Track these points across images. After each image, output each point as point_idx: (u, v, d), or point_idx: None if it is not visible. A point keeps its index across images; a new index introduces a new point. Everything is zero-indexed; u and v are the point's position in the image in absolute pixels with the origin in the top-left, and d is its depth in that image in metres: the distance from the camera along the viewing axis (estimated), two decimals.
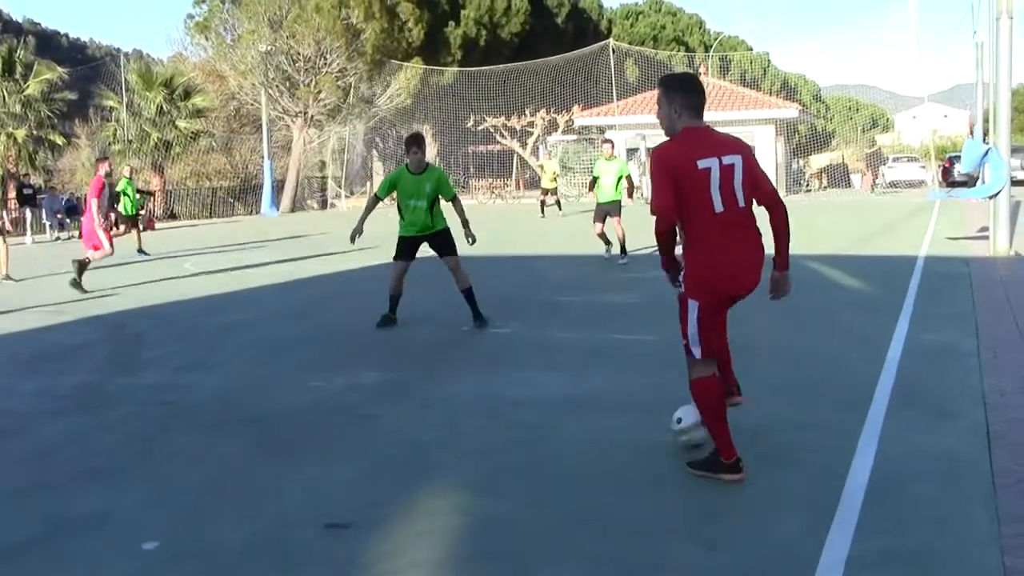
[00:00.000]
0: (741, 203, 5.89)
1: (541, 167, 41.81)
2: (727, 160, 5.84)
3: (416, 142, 12.47)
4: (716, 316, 6.16)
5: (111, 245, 18.08)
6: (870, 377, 8.50)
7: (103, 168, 18.85)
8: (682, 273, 6.07)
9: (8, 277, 20.31)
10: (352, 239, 12.79)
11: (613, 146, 20.93)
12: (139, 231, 26.33)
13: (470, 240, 12.92)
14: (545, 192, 38.47)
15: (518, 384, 8.95)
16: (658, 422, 7.20)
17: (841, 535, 5.15)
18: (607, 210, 19.74)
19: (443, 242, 12.62)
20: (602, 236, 19.88)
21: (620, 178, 19.79)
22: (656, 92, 6.36)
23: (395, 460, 6.81)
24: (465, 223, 12.90)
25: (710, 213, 5.81)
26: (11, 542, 5.59)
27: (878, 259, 18.98)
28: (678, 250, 6.11)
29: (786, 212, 6.06)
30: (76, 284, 17.09)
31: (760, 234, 6.03)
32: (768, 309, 7.79)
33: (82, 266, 17.44)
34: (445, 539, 5.36)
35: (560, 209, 38.46)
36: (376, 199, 13.02)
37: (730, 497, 5.77)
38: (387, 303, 12.75)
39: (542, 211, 37.54)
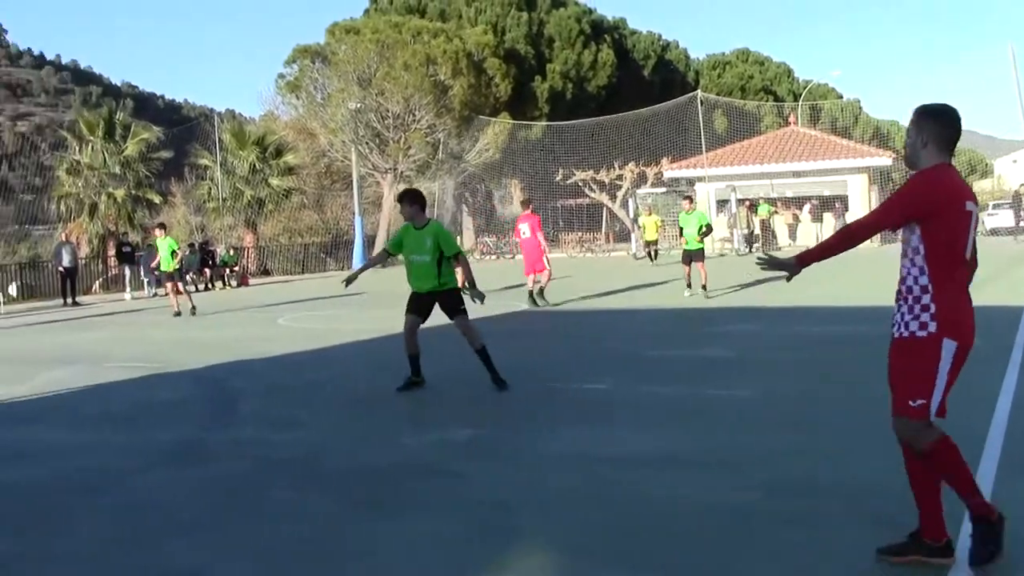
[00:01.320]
0: (970, 253, 5.53)
1: (643, 226, 42.30)
2: (972, 207, 5.44)
3: (407, 197, 12.43)
4: (956, 369, 5.39)
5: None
6: (978, 432, 8.20)
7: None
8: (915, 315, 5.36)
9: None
10: (346, 284, 12.83)
11: (691, 201, 24.97)
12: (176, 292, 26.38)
13: (476, 300, 12.57)
14: (648, 244, 40.21)
15: (609, 442, 8.89)
16: (750, 481, 7.12)
17: None
18: (691, 256, 23.39)
19: (450, 303, 12.31)
20: (687, 277, 23.51)
21: (700, 227, 23.18)
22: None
23: (485, 519, 6.78)
24: (471, 283, 12.85)
25: (962, 257, 5.44)
26: None
27: (980, 309, 18.57)
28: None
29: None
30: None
31: None
32: (864, 363, 7.66)
33: None
34: None
35: (652, 260, 38.83)
36: (386, 253, 13.27)
37: (831, 559, 5.64)
38: (410, 366, 12.49)
39: (650, 258, 39.78)
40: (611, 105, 59.45)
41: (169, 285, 26.42)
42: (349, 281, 12.81)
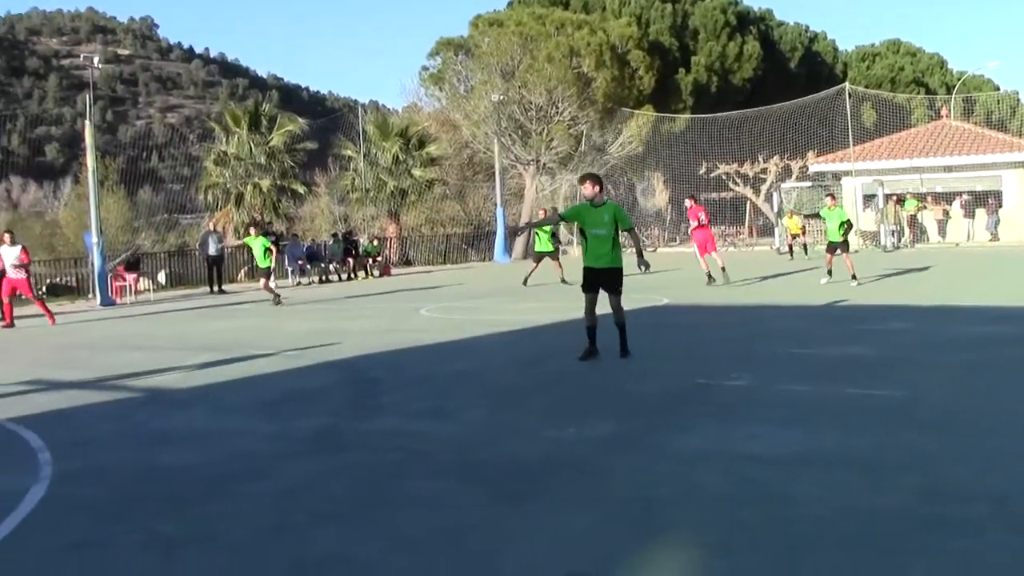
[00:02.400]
0: None
1: (786, 227, 42.41)
2: None
3: (590, 178, 14.18)
4: None
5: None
6: None
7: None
8: None
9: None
10: (514, 235, 13.88)
11: (833, 198, 27.86)
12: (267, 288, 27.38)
13: (642, 268, 14.56)
14: (793, 237, 40.80)
15: (751, 439, 8.78)
16: (892, 485, 6.99)
17: None
18: (835, 246, 25.57)
19: (613, 281, 13.85)
20: (829, 263, 25.66)
21: (841, 223, 25.36)
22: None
23: (628, 514, 6.76)
24: (639, 253, 14.53)
25: None
26: None
27: None
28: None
29: None
30: None
31: None
32: (1015, 366, 7.44)
33: None
34: None
35: (792, 256, 38.66)
36: (559, 216, 15.79)
37: (980, 565, 5.52)
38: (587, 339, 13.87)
39: (791, 253, 40.22)
40: (756, 98, 58.82)
41: (263, 281, 27.20)
42: (517, 233, 13.98)
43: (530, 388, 12.13)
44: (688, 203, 28.20)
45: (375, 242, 45.27)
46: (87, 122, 33.87)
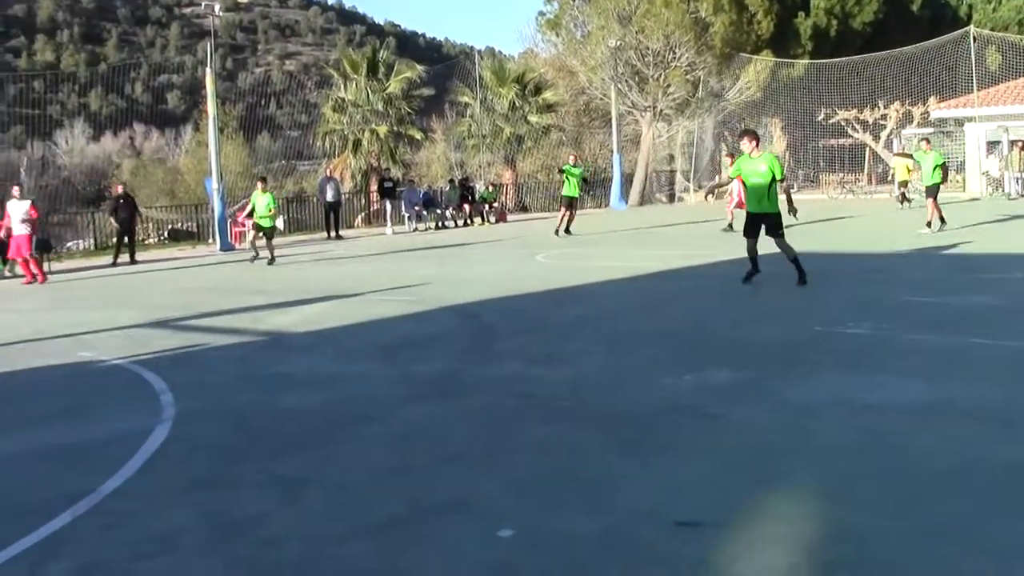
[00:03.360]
0: None
1: (893, 167, 40.62)
2: None
3: (748, 133, 16.56)
4: None
5: None
6: None
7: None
8: None
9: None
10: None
11: (928, 142, 28.05)
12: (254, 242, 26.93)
13: (793, 215, 16.66)
14: (903, 184, 37.32)
15: (871, 388, 8.67)
16: (1022, 437, 6.84)
17: None
18: (929, 191, 25.45)
19: (772, 224, 15.75)
20: (931, 215, 25.04)
21: (936, 167, 25.68)
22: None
23: (745, 462, 6.72)
24: (789, 200, 16.62)
25: None
26: (378, 520, 5.87)
27: None
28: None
29: None
30: None
31: None
32: None
33: None
34: (798, 545, 5.25)
35: (902, 204, 36.72)
36: (730, 179, 19.20)
37: None
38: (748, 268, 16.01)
39: (901, 202, 36.50)
40: (876, 42, 57.63)
41: (254, 234, 26.86)
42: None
43: (647, 335, 12.08)
44: (728, 160, 28.67)
45: (491, 188, 45.32)
46: (208, 70, 34.27)
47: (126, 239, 29.62)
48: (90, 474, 7.00)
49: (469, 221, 41.27)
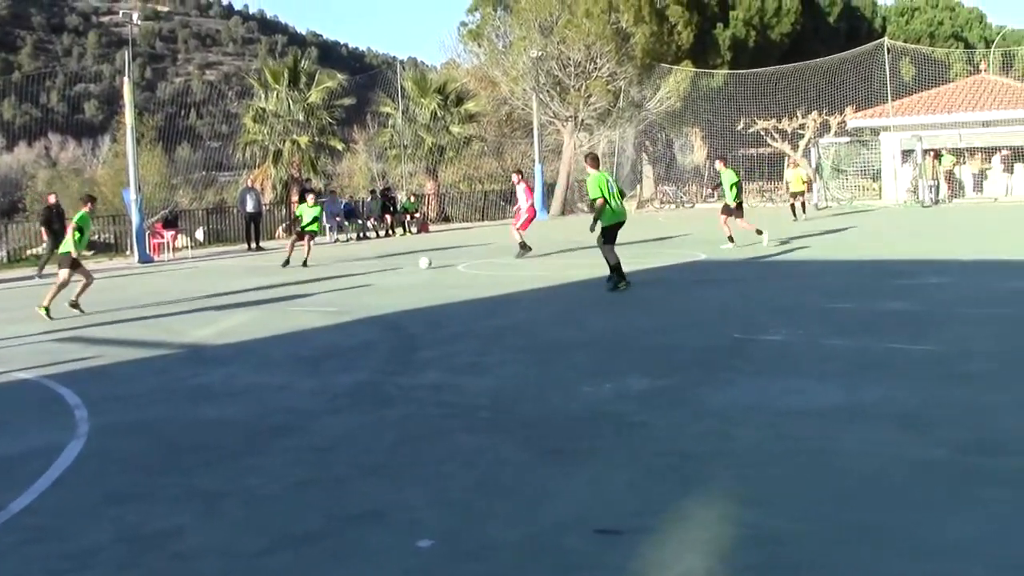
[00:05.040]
0: None
1: (788, 182, 40.83)
2: None
3: (589, 157, 18.21)
4: None
5: None
6: None
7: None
8: None
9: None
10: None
11: (724, 161, 25.47)
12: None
13: (592, 229, 17.31)
14: (793, 196, 37.45)
15: (790, 393, 8.77)
16: (937, 438, 6.96)
17: None
18: (728, 210, 24.34)
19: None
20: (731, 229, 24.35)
21: (732, 185, 23.98)
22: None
23: (666, 469, 6.76)
24: (596, 217, 17.22)
25: None
26: (297, 532, 5.83)
27: None
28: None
29: None
30: None
31: None
32: None
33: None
34: (719, 550, 5.29)
35: (795, 215, 36.49)
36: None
37: (1022, 519, 5.45)
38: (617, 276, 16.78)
39: (793, 213, 36.38)
40: (794, 53, 58.30)
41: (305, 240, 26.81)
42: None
43: (569, 343, 12.11)
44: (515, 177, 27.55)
45: (412, 199, 45.25)
46: (126, 79, 33.95)
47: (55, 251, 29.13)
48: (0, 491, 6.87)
49: (391, 232, 41.20)
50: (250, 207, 36.56)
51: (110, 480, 7.09)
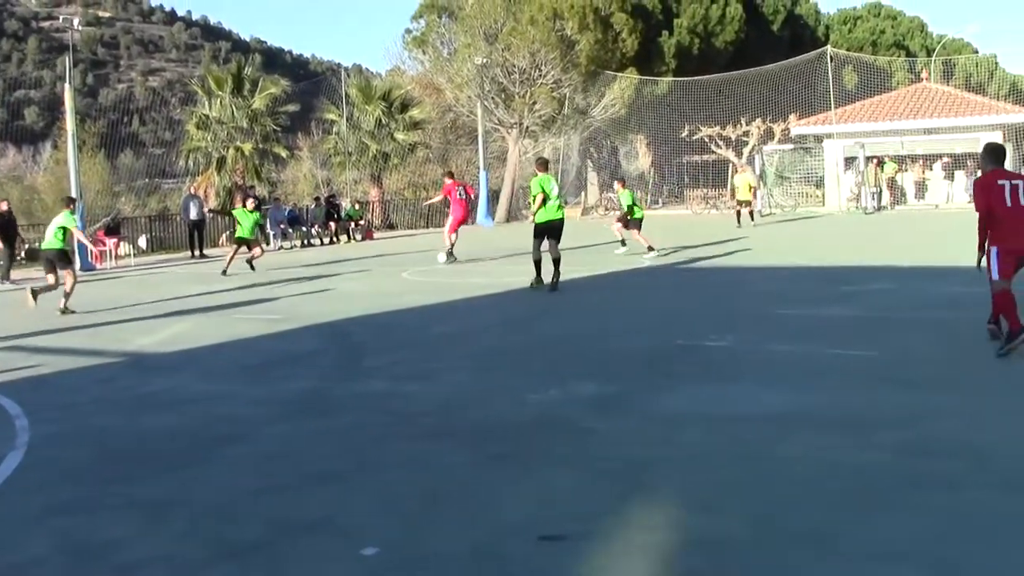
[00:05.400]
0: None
1: (734, 187, 41.29)
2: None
3: (539, 161, 19.41)
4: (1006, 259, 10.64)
5: None
6: None
7: None
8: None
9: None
10: None
11: (622, 182, 27.35)
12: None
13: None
14: (740, 203, 37.76)
15: (735, 399, 8.85)
16: (879, 442, 7.02)
17: None
18: (631, 222, 24.83)
19: (560, 229, 18.45)
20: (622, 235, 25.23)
21: (630, 205, 24.84)
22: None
23: (611, 474, 6.79)
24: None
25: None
26: (239, 542, 5.81)
27: None
28: None
29: None
30: None
31: None
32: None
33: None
34: (662, 555, 5.33)
35: (740, 222, 36.81)
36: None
37: (959, 522, 5.54)
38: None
39: (739, 220, 36.70)
40: (739, 61, 58.63)
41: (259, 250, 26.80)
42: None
43: (514, 350, 12.13)
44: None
45: (357, 206, 45.12)
46: (67, 85, 33.64)
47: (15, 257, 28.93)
48: None
49: (335, 239, 41.06)
50: (193, 214, 36.32)
51: (52, 491, 7.02)
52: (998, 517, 5.56)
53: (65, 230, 18.21)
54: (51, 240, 18.24)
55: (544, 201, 18.13)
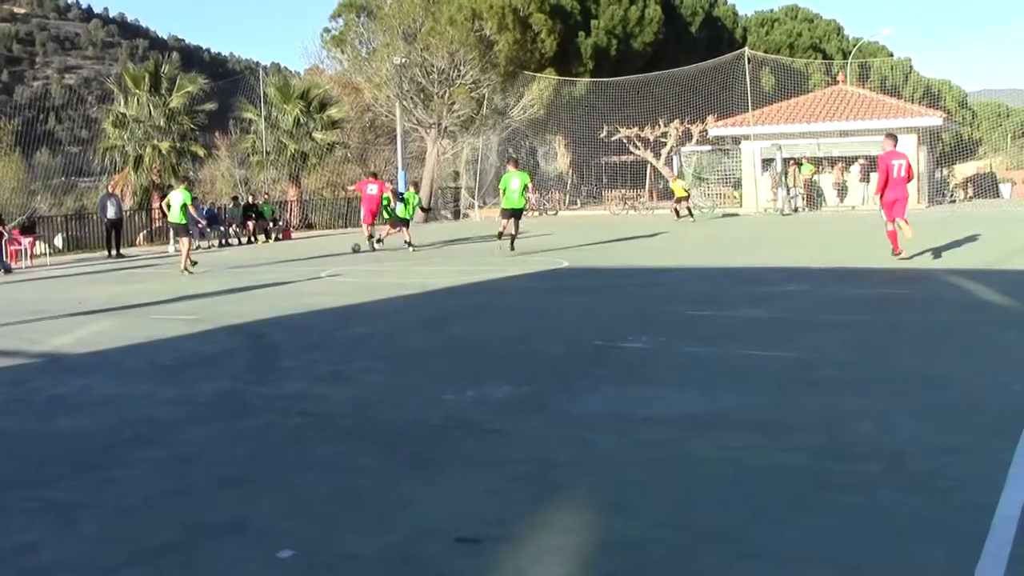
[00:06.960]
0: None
1: (672, 190, 42.60)
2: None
3: (511, 159, 25.20)
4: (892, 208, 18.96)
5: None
6: (1022, 400, 8.21)
7: None
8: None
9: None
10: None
11: (516, 163, 28.41)
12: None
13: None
14: (678, 201, 39.35)
15: (649, 401, 8.86)
16: (793, 444, 7.11)
17: (992, 569, 4.93)
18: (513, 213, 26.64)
19: (519, 214, 26.31)
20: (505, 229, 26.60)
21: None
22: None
23: (525, 476, 6.79)
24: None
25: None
26: (151, 546, 5.72)
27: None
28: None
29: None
30: None
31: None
32: (909, 327, 7.59)
33: None
34: (575, 557, 5.33)
35: (679, 216, 38.74)
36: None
37: (870, 523, 5.61)
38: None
39: (677, 215, 38.72)
40: (657, 62, 59.05)
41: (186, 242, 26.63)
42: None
43: (430, 351, 12.13)
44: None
45: (265, 199, 44.76)
46: None
47: None
48: None
49: (253, 238, 40.84)
50: (111, 213, 35.97)
51: None
52: (909, 519, 5.63)
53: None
54: None
55: (503, 194, 26.05)
